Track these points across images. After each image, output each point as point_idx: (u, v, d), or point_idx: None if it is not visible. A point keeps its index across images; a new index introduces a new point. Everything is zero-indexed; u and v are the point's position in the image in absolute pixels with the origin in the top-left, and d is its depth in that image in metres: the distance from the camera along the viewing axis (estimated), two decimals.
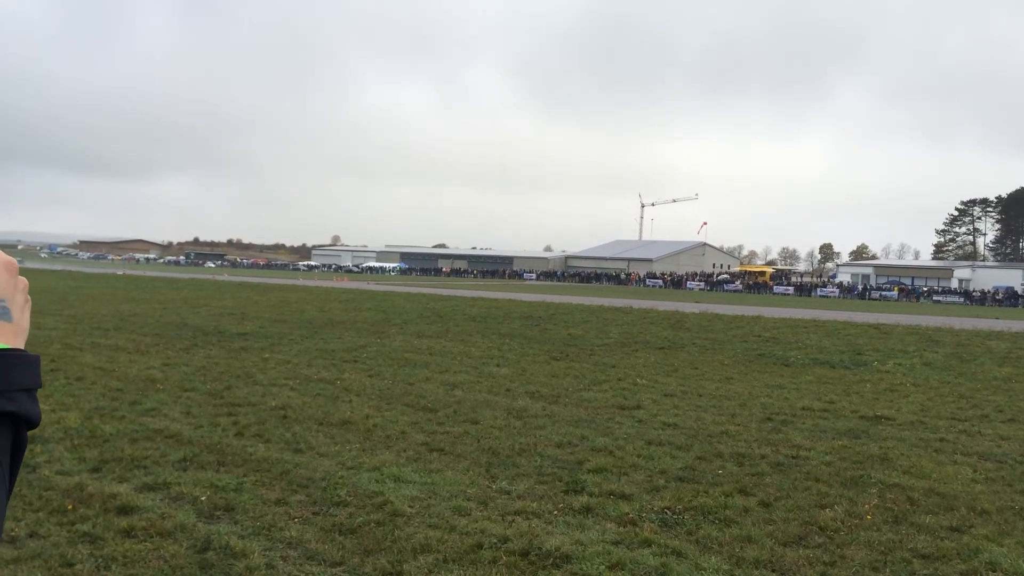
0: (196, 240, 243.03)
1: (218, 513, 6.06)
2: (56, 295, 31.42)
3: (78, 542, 5.37)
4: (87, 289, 36.33)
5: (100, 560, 5.10)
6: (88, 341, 16.24)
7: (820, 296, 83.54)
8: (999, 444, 9.49)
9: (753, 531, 6.12)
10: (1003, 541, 6.04)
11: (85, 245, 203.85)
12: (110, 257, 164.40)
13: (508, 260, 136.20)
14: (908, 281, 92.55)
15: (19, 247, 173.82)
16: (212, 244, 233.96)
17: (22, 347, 0.90)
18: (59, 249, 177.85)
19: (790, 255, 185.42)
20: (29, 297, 0.96)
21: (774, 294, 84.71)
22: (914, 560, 5.65)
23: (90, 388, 10.89)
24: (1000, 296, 75.86)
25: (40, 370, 0.91)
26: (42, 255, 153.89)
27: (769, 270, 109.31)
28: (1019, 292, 76.26)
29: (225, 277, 67.78)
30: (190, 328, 20.08)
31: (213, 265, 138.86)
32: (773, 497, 7.03)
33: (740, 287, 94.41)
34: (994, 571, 5.46)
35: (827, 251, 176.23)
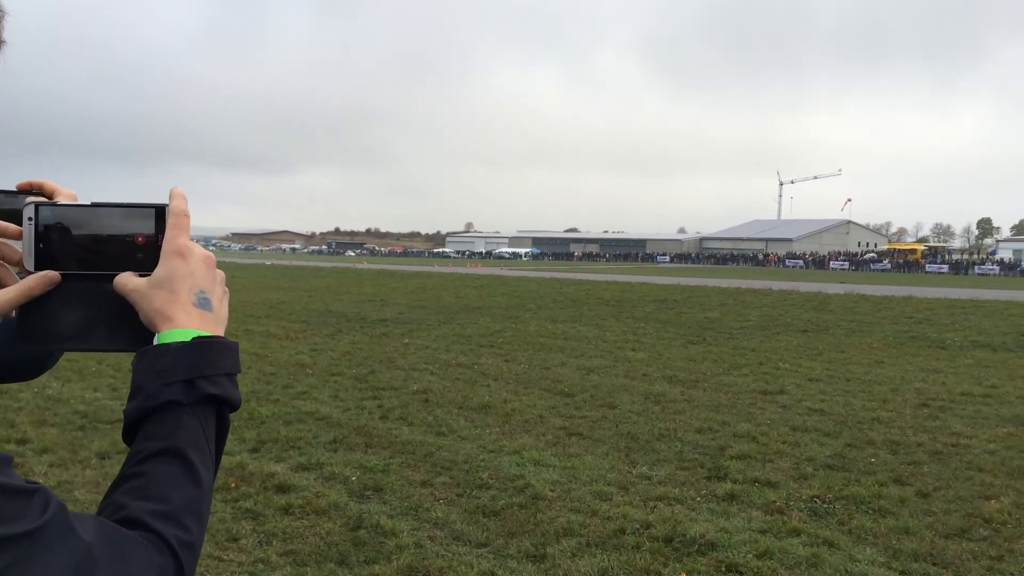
0: (337, 230, 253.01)
1: (368, 493, 6.31)
2: None
3: (241, 518, 5.70)
4: (239, 279, 38.49)
5: (262, 536, 5.41)
6: (242, 328, 17.22)
7: (979, 274, 78.32)
8: None
9: (911, 522, 5.82)
10: None
11: (236, 237, 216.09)
12: (259, 248, 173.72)
13: (641, 243, 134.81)
14: None
15: None
16: (352, 233, 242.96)
17: (222, 335, 0.95)
18: (214, 241, 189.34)
19: (944, 231, 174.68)
20: (227, 288, 1.01)
21: (926, 273, 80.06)
22: None
23: (246, 373, 11.54)
24: None
25: (239, 356, 0.96)
26: (213, 247, 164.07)
27: (920, 247, 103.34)
28: None
29: (364, 265, 70.30)
30: (334, 315, 20.95)
31: (353, 254, 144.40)
32: (932, 487, 6.66)
33: (888, 266, 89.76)
34: None
35: (985, 226, 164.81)
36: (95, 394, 9.61)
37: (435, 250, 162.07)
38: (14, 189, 1.03)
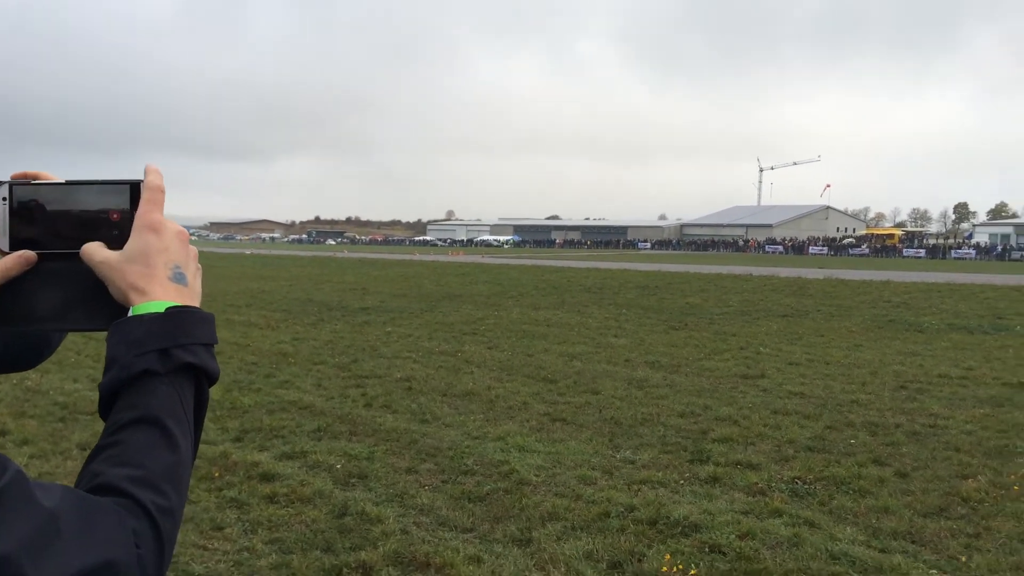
0: (317, 219, 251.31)
1: (353, 480, 6.32)
2: None
3: (226, 507, 5.70)
4: (219, 269, 38.22)
5: (247, 524, 5.40)
6: (223, 318, 17.11)
7: (955, 258, 79.21)
8: None
9: (890, 502, 5.91)
10: None
11: (215, 226, 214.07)
12: (238, 237, 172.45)
13: (622, 230, 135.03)
14: None
15: None
16: (332, 222, 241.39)
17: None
18: (192, 231, 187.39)
19: (921, 216, 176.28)
20: (200, 265, 1.00)
21: (904, 257, 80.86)
22: None
23: (228, 362, 11.49)
24: None
25: (215, 327, 0.94)
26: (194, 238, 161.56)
27: (898, 232, 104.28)
28: None
29: (345, 254, 70.00)
30: (315, 304, 20.87)
31: (333, 242, 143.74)
32: (910, 467, 6.76)
33: (867, 251, 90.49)
34: None
35: (962, 211, 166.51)
36: (75, 385, 9.54)
37: (416, 238, 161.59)
38: (7, 180, 1.03)
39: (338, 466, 6.63)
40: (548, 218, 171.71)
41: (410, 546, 5.03)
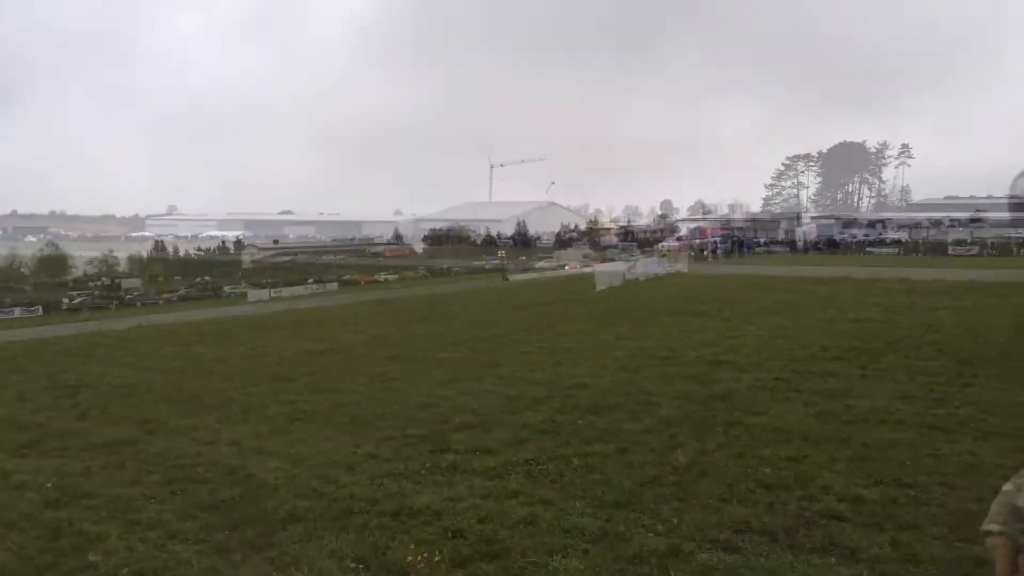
0: (14, 212, 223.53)
1: (66, 500, 5.74)
2: None
3: None
4: None
5: None
6: None
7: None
8: (826, 380, 10.29)
9: (613, 475, 6.40)
10: (833, 467, 6.60)
11: None
12: None
13: (357, 225, 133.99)
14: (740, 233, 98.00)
15: None
16: (32, 216, 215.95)
17: None
18: None
19: (633, 212, 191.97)
20: None
21: (620, 249, 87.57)
22: (758, 490, 6.08)
23: None
24: (821, 244, 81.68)
25: None
26: None
27: (615, 227, 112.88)
28: (836, 240, 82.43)
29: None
30: (10, 304, 18.64)
31: (34, 239, 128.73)
32: (630, 443, 7.35)
33: (587, 245, 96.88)
34: (827, 494, 5.96)
35: (667, 207, 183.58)
36: None
37: (133, 234, 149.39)
38: None
39: (48, 485, 5.99)
40: (281, 213, 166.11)
41: (137, 564, 4.67)
